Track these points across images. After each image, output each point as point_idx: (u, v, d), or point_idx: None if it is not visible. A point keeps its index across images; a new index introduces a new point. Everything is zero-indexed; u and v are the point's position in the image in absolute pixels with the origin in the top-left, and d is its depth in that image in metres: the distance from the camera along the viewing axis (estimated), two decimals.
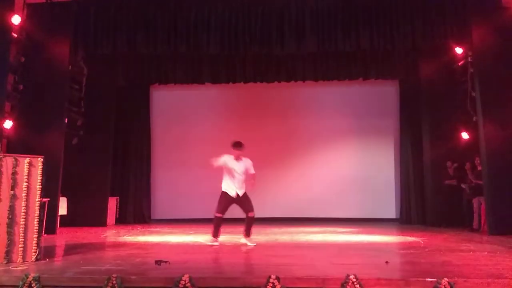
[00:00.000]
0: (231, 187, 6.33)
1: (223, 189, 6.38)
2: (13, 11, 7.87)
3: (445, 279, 3.63)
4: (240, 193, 6.35)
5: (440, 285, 3.59)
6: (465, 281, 3.74)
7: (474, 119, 8.60)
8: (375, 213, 11.02)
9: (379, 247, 6.38)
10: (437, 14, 8.43)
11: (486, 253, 5.56)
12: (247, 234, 6.41)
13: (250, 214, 6.34)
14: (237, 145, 6.40)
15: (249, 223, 6.38)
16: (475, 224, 8.59)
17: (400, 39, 8.63)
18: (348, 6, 8.62)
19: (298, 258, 5.23)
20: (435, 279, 3.68)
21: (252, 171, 6.49)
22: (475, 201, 8.66)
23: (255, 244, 6.30)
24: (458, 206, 9.28)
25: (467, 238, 7.29)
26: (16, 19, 7.96)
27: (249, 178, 6.46)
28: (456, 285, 3.61)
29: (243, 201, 6.35)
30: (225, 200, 6.32)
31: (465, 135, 9.47)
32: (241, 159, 6.42)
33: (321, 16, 8.65)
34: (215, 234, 6.38)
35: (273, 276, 3.69)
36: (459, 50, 9.15)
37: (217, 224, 6.34)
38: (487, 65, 8.07)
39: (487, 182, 7.95)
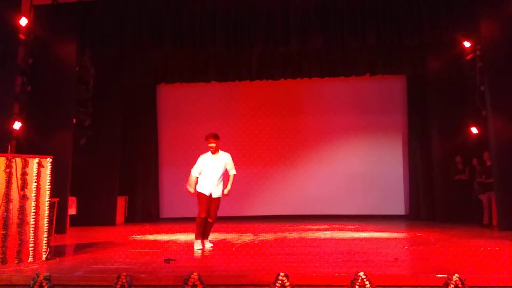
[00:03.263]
0: (205, 185, 5.83)
1: (198, 189, 5.85)
2: (20, 13, 7.93)
3: (456, 275, 3.59)
4: (214, 194, 5.84)
5: (451, 281, 3.56)
6: (476, 277, 3.70)
7: (483, 113, 8.50)
8: (383, 209, 10.95)
9: (388, 243, 6.34)
10: (445, 7, 8.34)
11: (497, 248, 5.50)
12: (207, 237, 6.05)
13: (211, 220, 5.89)
14: (210, 137, 5.80)
15: (209, 228, 6.03)
16: (485, 219, 8.51)
17: (407, 33, 8.56)
18: (353, 1, 8.56)
19: (306, 255, 5.22)
20: (445, 275, 3.64)
21: (232, 171, 5.98)
22: (484, 197, 8.58)
23: (211, 245, 5.97)
24: (468, 202, 9.20)
25: (478, 234, 7.22)
26: (23, 21, 8.02)
27: (228, 178, 5.95)
28: (467, 281, 3.57)
29: (214, 204, 5.85)
30: (204, 200, 5.81)
31: (474, 130, 9.37)
32: (217, 153, 5.89)
33: (326, 12, 8.60)
34: (199, 236, 5.85)
35: (282, 274, 3.68)
36: (467, 44, 9.05)
37: (200, 224, 5.80)
38: (496, 59, 7.97)
39: (497, 177, 7.86)
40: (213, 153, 5.87)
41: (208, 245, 5.97)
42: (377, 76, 10.86)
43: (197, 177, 5.88)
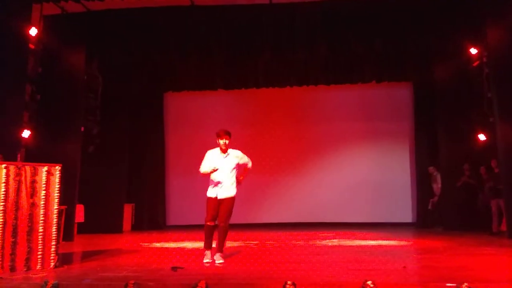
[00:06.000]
0: (214, 188, 5.33)
1: (207, 195, 5.40)
2: (30, 23, 8.06)
3: (465, 284, 3.56)
4: (223, 195, 5.27)
5: None
6: (485, 285, 3.66)
7: (490, 120, 8.45)
8: (391, 217, 10.87)
9: (396, 251, 6.29)
10: (450, 14, 8.35)
11: (506, 256, 5.44)
12: (219, 249, 5.28)
13: (220, 224, 5.26)
14: (223, 133, 5.30)
15: (220, 235, 5.26)
16: (494, 227, 8.42)
17: (413, 40, 8.57)
18: (358, 9, 8.60)
19: (314, 263, 5.20)
20: (454, 284, 3.61)
21: (249, 164, 5.54)
22: (493, 204, 8.49)
23: (222, 261, 5.19)
24: (477, 209, 9.11)
25: (487, 242, 7.14)
26: (33, 31, 8.15)
27: (244, 171, 5.53)
28: None
29: (223, 206, 5.25)
30: (210, 205, 5.29)
31: (482, 137, 9.31)
32: (227, 152, 5.37)
33: (332, 20, 8.65)
34: (207, 245, 5.33)
35: (289, 282, 3.67)
36: (473, 51, 9.03)
37: (206, 233, 5.30)
38: (503, 65, 7.93)
39: (506, 183, 7.79)
40: (224, 151, 5.38)
41: (218, 260, 5.20)
42: (383, 83, 10.86)
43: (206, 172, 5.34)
